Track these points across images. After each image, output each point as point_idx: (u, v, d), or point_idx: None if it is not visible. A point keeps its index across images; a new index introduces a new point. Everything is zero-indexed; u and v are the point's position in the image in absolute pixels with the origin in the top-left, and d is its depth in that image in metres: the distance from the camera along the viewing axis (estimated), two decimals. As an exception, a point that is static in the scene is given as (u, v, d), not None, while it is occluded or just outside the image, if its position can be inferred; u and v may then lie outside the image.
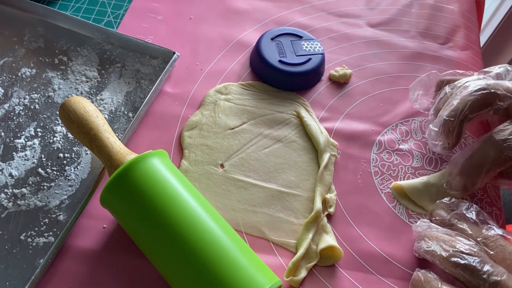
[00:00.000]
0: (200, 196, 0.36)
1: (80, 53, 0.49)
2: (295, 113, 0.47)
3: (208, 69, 0.50)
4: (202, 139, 0.44)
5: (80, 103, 0.38)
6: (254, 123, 0.46)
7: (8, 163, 0.41)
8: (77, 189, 0.41)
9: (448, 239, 0.35)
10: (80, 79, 0.47)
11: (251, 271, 0.32)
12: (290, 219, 0.41)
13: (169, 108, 0.47)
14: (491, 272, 0.32)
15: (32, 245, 0.37)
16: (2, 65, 0.48)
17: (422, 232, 0.38)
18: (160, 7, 0.55)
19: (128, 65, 0.49)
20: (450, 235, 0.36)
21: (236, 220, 0.40)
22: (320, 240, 0.39)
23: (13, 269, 0.36)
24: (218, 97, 0.47)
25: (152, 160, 0.35)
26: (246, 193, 0.42)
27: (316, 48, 0.49)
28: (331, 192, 0.42)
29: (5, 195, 0.40)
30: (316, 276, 0.38)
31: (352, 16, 0.57)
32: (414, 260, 0.40)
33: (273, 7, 0.57)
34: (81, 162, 0.42)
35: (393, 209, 0.43)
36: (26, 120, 0.44)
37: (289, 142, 0.45)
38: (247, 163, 0.43)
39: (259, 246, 0.39)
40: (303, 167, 0.44)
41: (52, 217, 0.39)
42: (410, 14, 0.58)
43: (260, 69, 0.49)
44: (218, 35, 0.53)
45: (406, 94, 0.50)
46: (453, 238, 0.35)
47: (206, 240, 0.32)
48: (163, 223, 0.33)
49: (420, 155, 0.46)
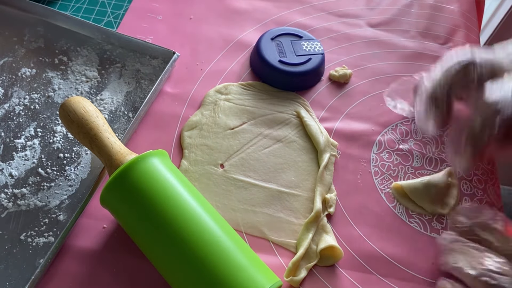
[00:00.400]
0: (200, 196, 0.36)
1: (80, 53, 0.49)
2: (295, 113, 0.47)
3: (208, 69, 0.50)
4: (202, 139, 0.44)
5: (80, 103, 0.38)
6: (254, 123, 0.46)
7: (8, 163, 0.41)
8: (77, 189, 0.41)
9: (477, 255, 0.33)
10: (80, 79, 0.47)
11: (251, 271, 0.32)
12: (290, 219, 0.41)
13: (169, 108, 0.47)
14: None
15: (32, 245, 0.37)
16: (2, 65, 0.48)
17: (448, 245, 0.36)
18: (160, 7, 0.55)
19: (128, 65, 0.49)
20: (478, 250, 0.34)
21: (236, 220, 0.40)
22: (320, 240, 0.39)
23: (13, 269, 0.36)
24: (218, 97, 0.47)
25: (152, 160, 0.35)
26: (246, 193, 0.42)
27: (316, 48, 0.49)
28: (331, 192, 0.42)
29: (5, 195, 0.40)
30: (316, 276, 0.38)
31: (352, 16, 0.57)
32: (414, 260, 0.40)
33: (273, 7, 0.57)
34: (81, 162, 0.42)
35: (393, 209, 0.43)
36: (26, 120, 0.44)
37: (289, 142, 0.45)
38: (247, 163, 0.43)
39: (259, 246, 0.39)
40: (303, 167, 0.44)
41: (52, 217, 0.39)
42: (410, 14, 0.58)
43: (260, 69, 0.49)
44: (218, 35, 0.53)
45: (406, 94, 0.50)
46: (481, 254, 0.33)
47: (206, 240, 0.32)
48: (163, 223, 0.33)
49: (420, 155, 0.46)
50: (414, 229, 0.42)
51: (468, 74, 0.37)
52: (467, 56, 0.38)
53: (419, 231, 0.41)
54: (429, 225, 0.42)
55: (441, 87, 0.37)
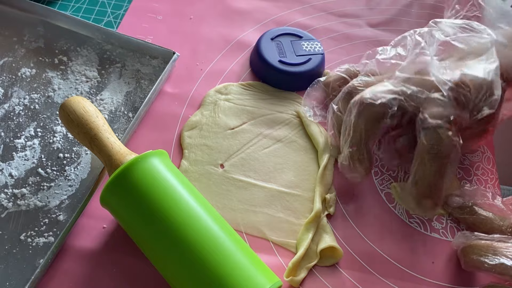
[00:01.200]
0: (200, 196, 0.36)
1: (80, 53, 0.49)
2: (295, 113, 0.47)
3: (208, 69, 0.50)
4: (202, 139, 0.44)
5: (80, 103, 0.38)
6: (254, 123, 0.46)
7: (8, 163, 0.41)
8: (77, 189, 0.41)
9: (504, 246, 0.33)
10: (80, 79, 0.47)
11: (251, 271, 0.32)
12: (290, 219, 0.41)
13: (169, 108, 0.47)
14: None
15: (32, 245, 0.37)
16: (2, 65, 0.48)
17: (467, 242, 0.36)
18: (160, 7, 0.55)
19: (128, 65, 0.49)
20: (502, 241, 0.33)
21: (236, 220, 0.40)
22: (320, 240, 0.39)
23: (13, 269, 0.36)
24: (218, 97, 0.47)
25: (152, 160, 0.35)
26: (246, 193, 0.42)
27: (316, 48, 0.49)
28: (331, 192, 0.42)
29: (5, 195, 0.40)
30: (316, 276, 0.38)
31: (352, 16, 0.57)
32: (414, 260, 0.40)
33: (273, 7, 0.57)
34: (81, 162, 0.42)
35: (393, 209, 0.43)
36: (26, 120, 0.44)
37: (289, 142, 0.45)
38: (247, 163, 0.43)
39: (259, 246, 0.39)
40: (303, 167, 0.44)
41: (52, 217, 0.39)
42: (410, 14, 0.58)
43: (260, 69, 0.49)
44: (218, 35, 0.53)
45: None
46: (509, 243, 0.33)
47: (206, 240, 0.32)
48: (163, 223, 0.33)
49: (420, 155, 0.46)
50: (414, 229, 0.42)
51: (380, 117, 0.37)
52: (372, 96, 0.37)
53: (419, 231, 0.41)
54: (429, 225, 0.42)
55: (359, 144, 0.37)
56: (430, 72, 0.37)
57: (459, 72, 0.37)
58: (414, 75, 0.37)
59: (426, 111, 0.36)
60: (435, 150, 0.35)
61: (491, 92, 0.36)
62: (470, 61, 0.38)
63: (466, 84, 0.36)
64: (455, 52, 0.39)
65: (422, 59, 0.38)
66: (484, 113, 0.36)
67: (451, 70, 0.37)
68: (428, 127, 0.35)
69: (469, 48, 0.38)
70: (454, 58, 0.39)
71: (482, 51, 0.37)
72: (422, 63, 0.37)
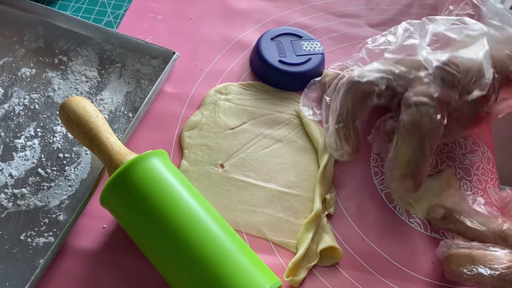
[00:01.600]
0: (200, 196, 0.36)
1: (80, 53, 0.49)
2: (295, 113, 0.47)
3: (208, 69, 0.50)
4: (202, 139, 0.44)
5: (80, 103, 0.38)
6: (254, 123, 0.46)
7: (8, 163, 0.41)
8: (77, 189, 0.41)
9: (483, 254, 0.33)
10: (80, 79, 0.47)
11: (251, 271, 0.32)
12: (290, 219, 0.41)
13: (169, 108, 0.47)
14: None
15: (32, 245, 0.37)
16: (2, 65, 0.48)
17: (448, 251, 0.36)
18: (160, 7, 0.55)
19: (128, 65, 0.49)
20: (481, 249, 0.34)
21: (236, 220, 0.40)
22: (320, 240, 0.39)
23: (13, 269, 0.36)
24: (218, 97, 0.47)
25: (152, 160, 0.35)
26: (246, 193, 0.42)
27: (316, 48, 0.49)
28: (331, 192, 0.42)
29: (5, 195, 0.40)
30: (316, 276, 0.38)
31: (352, 16, 0.57)
32: (414, 260, 0.40)
33: (273, 7, 0.57)
34: (81, 162, 0.42)
35: (393, 209, 0.43)
36: (26, 120, 0.44)
37: (289, 142, 0.45)
38: (247, 163, 0.43)
39: (259, 246, 0.39)
40: (303, 167, 0.44)
41: (52, 217, 0.39)
42: (410, 14, 0.58)
43: (260, 69, 0.49)
44: (218, 35, 0.53)
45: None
46: (485, 251, 0.33)
47: (206, 240, 0.32)
48: (163, 223, 0.33)
49: (420, 155, 0.46)
50: (414, 229, 0.41)
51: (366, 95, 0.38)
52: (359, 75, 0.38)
53: (419, 231, 0.41)
54: (429, 225, 0.42)
55: (346, 120, 0.38)
56: (419, 53, 0.37)
57: (449, 54, 0.38)
58: (403, 57, 0.38)
59: (412, 89, 0.37)
60: (415, 126, 0.35)
61: (481, 74, 0.36)
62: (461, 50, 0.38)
63: (456, 64, 0.37)
64: (448, 45, 0.39)
65: (411, 41, 0.38)
66: (474, 95, 0.37)
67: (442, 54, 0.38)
68: (410, 104, 0.36)
69: (461, 38, 0.39)
70: (447, 49, 0.39)
71: (474, 42, 0.38)
72: (411, 45, 0.38)
